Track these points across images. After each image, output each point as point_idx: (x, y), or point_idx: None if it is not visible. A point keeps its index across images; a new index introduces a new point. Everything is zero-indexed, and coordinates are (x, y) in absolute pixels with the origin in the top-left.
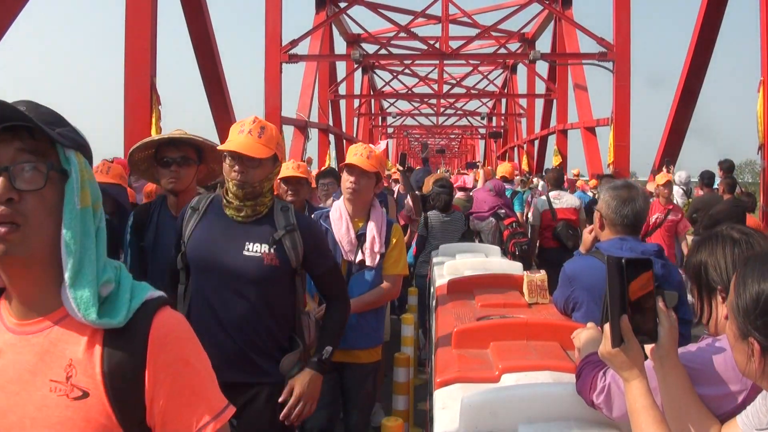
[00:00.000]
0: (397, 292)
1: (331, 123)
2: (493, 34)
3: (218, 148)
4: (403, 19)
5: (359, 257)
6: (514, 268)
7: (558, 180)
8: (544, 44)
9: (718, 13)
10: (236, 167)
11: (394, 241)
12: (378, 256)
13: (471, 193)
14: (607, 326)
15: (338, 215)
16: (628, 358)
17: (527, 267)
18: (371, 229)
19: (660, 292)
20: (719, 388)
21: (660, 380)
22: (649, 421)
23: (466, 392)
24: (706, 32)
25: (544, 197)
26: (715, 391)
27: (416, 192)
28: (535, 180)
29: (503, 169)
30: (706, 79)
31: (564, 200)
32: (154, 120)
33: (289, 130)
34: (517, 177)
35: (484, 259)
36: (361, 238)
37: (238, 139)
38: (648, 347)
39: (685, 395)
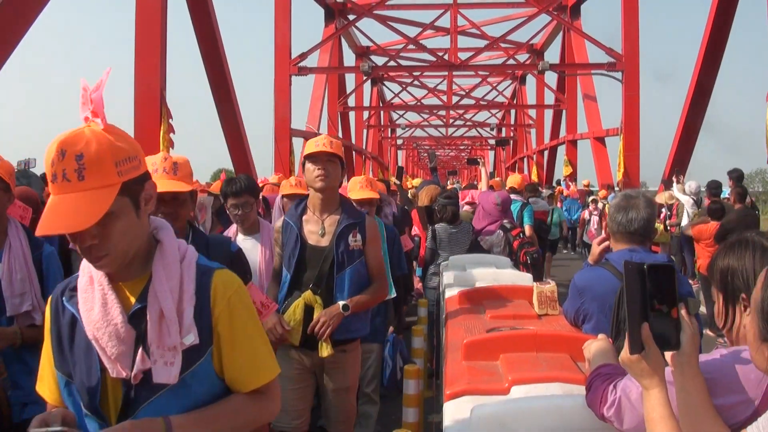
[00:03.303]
0: (276, 409)
1: (340, 135)
2: (502, 45)
3: None
4: (411, 31)
5: (140, 365)
6: (524, 279)
7: (535, 190)
8: (552, 55)
9: (728, 18)
10: None
11: (226, 310)
12: (176, 358)
13: (477, 202)
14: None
15: (87, 281)
16: (648, 366)
17: (538, 276)
18: (156, 297)
19: (682, 298)
20: (730, 398)
21: (678, 388)
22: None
23: (476, 404)
24: (716, 36)
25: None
26: (726, 401)
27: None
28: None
29: (513, 180)
30: (715, 85)
31: (539, 204)
32: (162, 132)
33: (298, 143)
34: (546, 191)
35: (493, 271)
36: (137, 319)
37: None
38: (668, 354)
39: (702, 404)
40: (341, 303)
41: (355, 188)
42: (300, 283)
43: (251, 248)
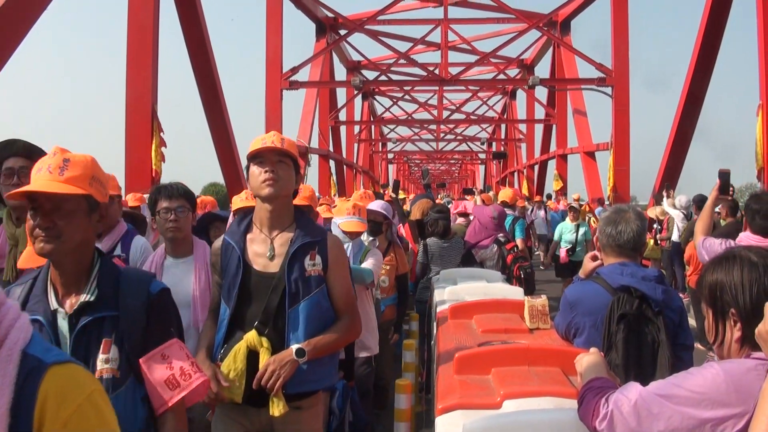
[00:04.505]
0: None
1: (331, 149)
2: (492, 60)
3: None
4: (402, 46)
5: None
6: (515, 293)
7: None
8: (543, 70)
9: (720, 25)
10: None
11: None
12: None
13: (471, 216)
14: None
15: None
16: None
17: (530, 291)
18: None
19: None
20: (720, 412)
21: None
22: None
23: (468, 419)
24: (708, 43)
25: None
26: (716, 414)
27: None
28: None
29: (504, 194)
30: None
31: None
32: (154, 147)
33: None
34: (574, 203)
35: (484, 285)
36: None
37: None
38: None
39: None
40: (295, 347)
41: (342, 213)
42: (243, 320)
43: (183, 274)
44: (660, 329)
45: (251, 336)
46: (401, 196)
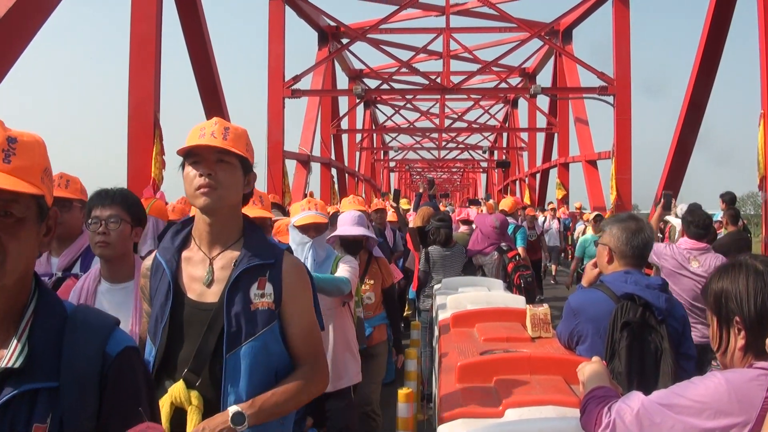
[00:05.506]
0: None
1: (333, 157)
2: (494, 69)
3: None
4: (404, 55)
5: None
6: (517, 301)
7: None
8: (544, 79)
9: (722, 33)
10: None
11: None
12: None
13: (473, 225)
14: None
15: None
16: None
17: (531, 299)
18: None
19: None
20: (723, 421)
21: None
22: None
23: (470, 428)
24: (710, 52)
25: None
26: (719, 423)
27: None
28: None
29: (505, 203)
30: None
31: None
32: (155, 153)
33: (291, 165)
34: (588, 212)
35: (486, 293)
36: None
37: None
38: None
39: None
40: (232, 409)
41: (297, 210)
42: (172, 365)
43: (119, 304)
44: (663, 338)
45: (177, 390)
46: (404, 206)
